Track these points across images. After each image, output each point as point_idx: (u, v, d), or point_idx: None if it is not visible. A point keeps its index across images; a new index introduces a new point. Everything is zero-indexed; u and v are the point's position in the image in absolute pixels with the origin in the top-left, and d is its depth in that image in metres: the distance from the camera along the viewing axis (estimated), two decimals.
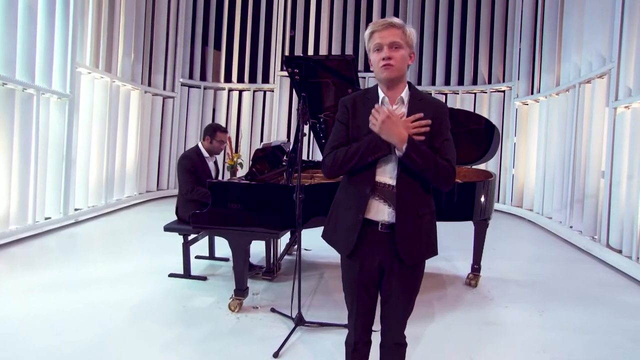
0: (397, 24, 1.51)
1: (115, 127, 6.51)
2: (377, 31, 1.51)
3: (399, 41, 1.50)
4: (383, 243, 1.55)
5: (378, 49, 1.52)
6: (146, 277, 3.57)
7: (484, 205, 3.38)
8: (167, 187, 8.13)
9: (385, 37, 1.49)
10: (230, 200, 2.75)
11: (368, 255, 1.57)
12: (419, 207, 1.55)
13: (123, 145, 6.80)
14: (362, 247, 1.57)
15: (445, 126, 1.56)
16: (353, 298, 1.64)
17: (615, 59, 4.50)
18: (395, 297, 1.61)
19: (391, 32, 1.50)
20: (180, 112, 8.30)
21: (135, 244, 4.68)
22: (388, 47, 1.49)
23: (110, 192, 6.45)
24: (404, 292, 1.60)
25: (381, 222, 1.54)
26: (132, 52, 6.86)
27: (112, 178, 6.52)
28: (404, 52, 1.51)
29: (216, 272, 3.78)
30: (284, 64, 2.99)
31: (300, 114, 2.50)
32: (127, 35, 6.70)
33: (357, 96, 1.63)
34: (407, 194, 1.52)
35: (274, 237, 2.88)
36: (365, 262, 1.58)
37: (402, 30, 1.51)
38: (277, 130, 8.58)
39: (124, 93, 6.75)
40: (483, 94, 7.87)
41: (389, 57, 1.49)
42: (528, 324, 2.92)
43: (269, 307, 2.97)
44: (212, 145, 3.68)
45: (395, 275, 1.58)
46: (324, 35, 8.42)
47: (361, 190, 1.55)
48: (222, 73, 8.67)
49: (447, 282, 3.69)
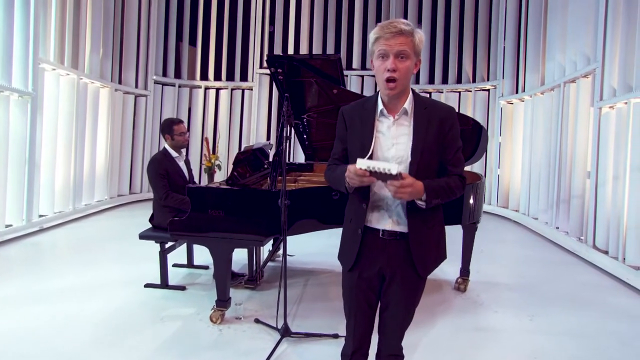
0: (407, 32, 1.43)
1: (83, 127, 6.33)
2: (383, 37, 1.44)
3: (407, 51, 1.44)
4: (384, 250, 1.56)
5: (383, 56, 1.46)
6: (120, 288, 3.47)
7: (473, 208, 3.43)
8: (140, 191, 7.97)
9: (392, 47, 1.43)
10: (211, 206, 2.70)
11: (368, 262, 1.58)
12: (428, 219, 1.57)
13: (92, 147, 6.62)
14: (363, 255, 1.59)
15: (456, 133, 1.56)
16: (352, 305, 1.64)
17: (600, 59, 4.64)
18: (394, 307, 1.61)
19: (400, 41, 1.43)
20: (154, 111, 8.15)
21: (107, 253, 4.55)
22: (394, 56, 1.43)
23: (78, 197, 6.28)
24: (404, 301, 1.60)
25: (382, 229, 1.55)
26: (101, 47, 6.70)
27: (81, 182, 6.35)
28: (411, 62, 1.46)
29: (195, 281, 3.71)
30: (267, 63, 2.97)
31: (285, 115, 2.47)
32: (95, 29, 6.53)
33: (356, 107, 1.63)
34: (418, 210, 1.53)
35: (258, 244, 2.85)
36: (366, 269, 1.59)
37: (412, 38, 1.44)
38: (256, 131, 8.52)
39: (92, 91, 6.57)
40: (467, 92, 8.00)
41: (394, 68, 1.44)
42: (519, 330, 2.96)
43: (253, 318, 2.93)
44: (175, 141, 3.63)
45: (396, 283, 1.58)
46: (305, 31, 8.40)
47: (358, 205, 1.59)
48: (198, 70, 8.56)
49: (435, 287, 3.72)
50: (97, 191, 6.84)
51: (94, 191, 6.76)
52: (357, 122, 1.57)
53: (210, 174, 6.78)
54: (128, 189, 7.75)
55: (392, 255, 1.55)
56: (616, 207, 4.30)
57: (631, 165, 4.08)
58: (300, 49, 8.39)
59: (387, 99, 1.53)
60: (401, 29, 1.43)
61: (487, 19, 7.85)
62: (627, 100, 4.16)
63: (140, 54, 7.78)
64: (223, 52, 8.52)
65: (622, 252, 4.13)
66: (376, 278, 1.60)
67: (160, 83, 8.23)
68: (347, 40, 8.35)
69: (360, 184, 1.45)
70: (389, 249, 1.56)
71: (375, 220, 1.57)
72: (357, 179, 1.41)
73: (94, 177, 6.74)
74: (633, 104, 4.08)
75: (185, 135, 3.67)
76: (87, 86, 6.42)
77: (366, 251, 1.58)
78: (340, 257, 1.70)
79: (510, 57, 7.27)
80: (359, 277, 1.60)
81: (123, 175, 7.62)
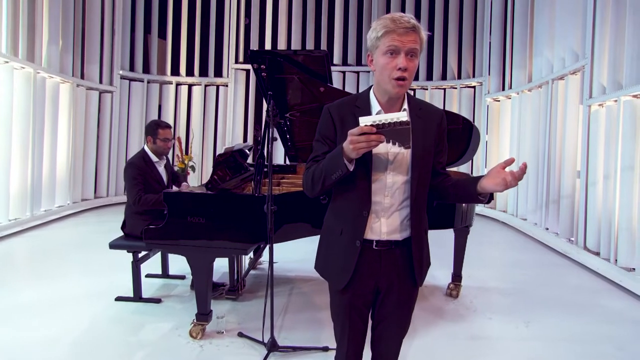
0: (418, 28, 1.39)
1: (41, 126, 6.11)
2: (396, 32, 1.38)
3: (417, 49, 1.40)
4: (379, 262, 1.52)
5: (393, 52, 1.39)
6: (87, 303, 3.35)
7: (465, 211, 3.46)
8: (106, 195, 7.77)
9: (405, 43, 1.38)
10: (190, 213, 2.63)
11: (363, 277, 1.54)
12: (424, 224, 1.58)
13: (52, 147, 6.41)
14: (358, 271, 1.53)
15: (446, 135, 1.56)
16: (344, 323, 1.60)
17: (589, 55, 4.77)
18: (390, 320, 1.59)
19: (412, 37, 1.38)
20: (121, 108, 7.96)
21: (71, 264, 4.39)
22: (405, 54, 1.38)
23: (37, 202, 6.06)
24: (400, 313, 1.58)
25: (376, 240, 1.51)
26: (60, 38, 6.48)
27: (39, 186, 6.13)
28: (418, 60, 1.44)
29: (171, 292, 3.62)
30: (250, 60, 2.91)
31: (270, 115, 2.43)
32: (53, 18, 6.31)
33: (345, 104, 1.54)
34: (416, 211, 1.52)
35: (242, 253, 2.79)
36: (360, 284, 1.54)
37: (420, 35, 1.41)
38: (232, 130, 8.42)
39: (51, 86, 6.36)
40: (453, 89, 8.11)
41: (405, 68, 1.39)
42: (515, 337, 3.00)
43: (236, 331, 2.87)
44: (157, 146, 3.51)
45: (394, 295, 1.56)
46: (283, 23, 8.35)
47: (357, 212, 1.49)
48: (169, 65, 8.42)
49: (427, 293, 3.74)
50: (59, 196, 6.63)
51: (55, 196, 6.54)
52: (350, 121, 1.47)
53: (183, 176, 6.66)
54: (93, 193, 7.55)
55: (389, 266, 1.52)
56: (607, 208, 4.42)
57: (622, 164, 4.20)
58: (278, 42, 8.34)
59: (387, 99, 1.48)
60: (414, 25, 1.39)
61: (473, 13, 7.98)
62: (617, 97, 4.28)
63: (105, 46, 7.58)
64: (195, 45, 8.39)
65: (614, 253, 4.25)
66: (371, 293, 1.56)
67: (127, 78, 8.04)
68: (327, 34, 8.35)
69: (368, 148, 1.30)
70: (384, 261, 1.52)
71: (372, 231, 1.50)
72: (364, 140, 1.28)
73: (55, 181, 6.52)
74: (623, 101, 4.20)
75: (168, 142, 3.53)
76: (45, 81, 6.21)
77: (362, 267, 1.52)
78: (325, 273, 1.61)
79: (496, 52, 7.40)
80: (354, 295, 1.55)
81: (87, 178, 7.40)
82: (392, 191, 1.49)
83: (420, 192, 1.52)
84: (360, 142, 1.29)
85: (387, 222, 1.50)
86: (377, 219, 1.50)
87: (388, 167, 1.48)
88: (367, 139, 1.28)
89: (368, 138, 1.28)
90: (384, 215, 1.49)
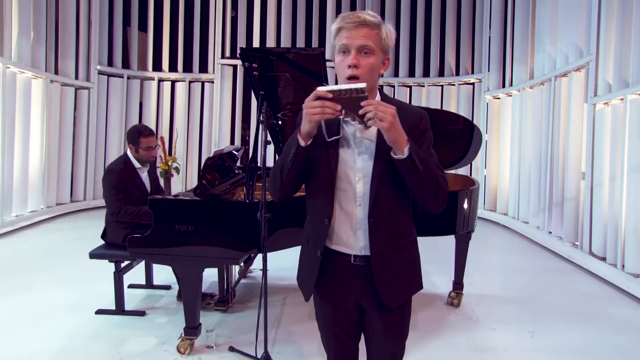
0: (371, 23, 1.37)
1: (12, 124, 6.03)
2: (345, 29, 1.37)
3: (370, 45, 1.36)
4: (356, 279, 1.48)
5: (344, 50, 1.38)
6: (65, 316, 3.31)
7: (467, 216, 3.48)
8: (83, 199, 7.68)
9: (354, 39, 1.36)
10: (178, 221, 2.61)
11: (340, 293, 1.52)
12: (399, 238, 1.48)
13: (24, 148, 6.32)
14: (331, 284, 1.52)
15: (428, 140, 1.48)
16: (330, 342, 1.60)
17: (594, 51, 4.83)
18: (380, 343, 1.56)
19: (362, 32, 1.36)
20: (99, 106, 7.88)
21: (47, 274, 4.33)
22: (356, 51, 1.36)
23: (7, 207, 5.98)
24: (390, 337, 1.55)
25: (353, 254, 1.47)
26: (32, 30, 6.39)
27: (10, 189, 6.05)
28: (376, 59, 1.38)
29: (157, 304, 3.59)
30: (240, 58, 2.90)
31: (263, 117, 2.42)
32: (23, 9, 6.22)
33: None
34: (384, 224, 1.44)
35: (233, 262, 2.78)
36: (340, 301, 1.53)
37: (378, 31, 1.38)
38: (218, 129, 8.38)
39: (22, 82, 6.28)
40: (451, 86, 8.17)
41: (356, 64, 1.36)
42: (520, 348, 3.03)
43: (227, 346, 2.86)
44: (140, 155, 3.45)
45: (376, 318, 1.53)
46: (272, 15, 8.33)
47: (319, 219, 1.48)
48: (150, 59, 8.36)
49: (427, 302, 3.76)
50: (31, 200, 6.54)
51: (27, 200, 6.45)
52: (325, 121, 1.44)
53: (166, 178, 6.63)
54: (69, 197, 7.47)
55: (366, 285, 1.47)
56: (613, 211, 4.48)
57: (629, 165, 4.26)
58: (267, 36, 8.33)
59: None
60: (365, 19, 1.36)
61: (471, 6, 8.04)
62: (624, 96, 4.34)
63: (81, 39, 7.49)
64: (179, 38, 8.33)
65: (620, 258, 4.31)
66: (353, 310, 1.54)
67: (105, 74, 7.97)
68: (319, 26, 8.35)
69: (322, 115, 1.27)
70: (361, 277, 1.48)
71: (343, 243, 1.48)
72: (319, 106, 1.26)
73: (27, 184, 6.43)
74: (630, 100, 4.26)
75: (152, 150, 3.48)
76: (15, 76, 6.12)
77: (334, 278, 1.50)
78: (299, 282, 1.64)
79: (496, 48, 7.47)
80: (334, 309, 1.54)
81: (63, 180, 7.32)
82: (365, 199, 1.44)
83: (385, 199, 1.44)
84: (314, 108, 1.27)
85: (365, 235, 1.45)
86: (352, 232, 1.46)
87: (356, 174, 1.44)
88: (322, 104, 1.26)
89: (323, 104, 1.26)
90: (360, 228, 1.45)
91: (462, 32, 8.08)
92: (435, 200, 1.43)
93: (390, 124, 1.27)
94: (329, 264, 1.50)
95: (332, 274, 1.51)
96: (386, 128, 1.28)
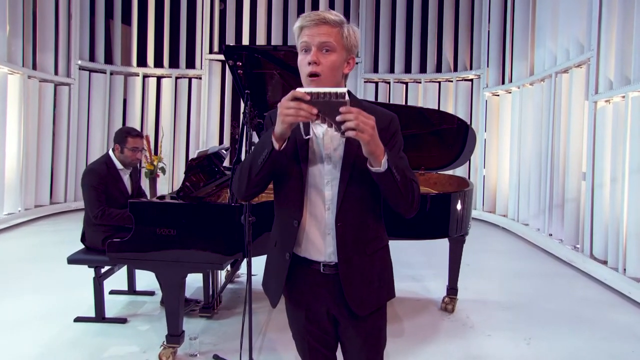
0: (331, 21, 1.40)
1: None
2: (306, 27, 1.41)
3: (331, 43, 1.39)
4: (327, 287, 1.51)
5: (305, 49, 1.42)
6: (42, 324, 3.31)
7: (461, 219, 3.51)
8: (64, 200, 7.67)
9: (314, 36, 1.39)
10: (159, 224, 2.62)
11: (312, 302, 1.55)
12: (368, 243, 1.51)
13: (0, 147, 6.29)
14: (302, 292, 1.55)
15: (399, 143, 1.49)
16: (306, 353, 1.63)
17: (595, 47, 4.88)
18: (356, 354, 1.59)
19: (323, 30, 1.39)
20: (80, 103, 7.87)
21: (24, 279, 4.33)
22: (317, 48, 1.39)
23: None
24: (366, 347, 1.57)
25: (323, 262, 1.49)
26: (7, 23, 6.35)
27: None
28: (338, 57, 1.41)
29: (138, 311, 3.61)
30: (224, 56, 2.92)
31: (247, 117, 2.44)
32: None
33: None
34: (352, 228, 1.47)
35: (217, 268, 2.80)
36: (311, 310, 1.56)
37: (339, 29, 1.41)
38: (207, 127, 8.39)
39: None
40: (448, 82, 8.21)
41: (316, 61, 1.39)
42: (515, 356, 3.06)
43: (212, 354, 2.88)
44: (124, 155, 3.46)
45: (349, 327, 1.55)
46: (262, 8, 8.35)
47: (288, 222, 1.50)
48: (134, 54, 8.36)
49: (419, 308, 3.79)
50: (8, 202, 6.51)
51: (3, 202, 6.43)
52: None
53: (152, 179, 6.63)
54: (49, 199, 7.44)
55: (337, 293, 1.50)
56: (615, 213, 4.53)
57: (630, 166, 4.30)
58: (257, 29, 8.34)
59: None
60: (325, 17, 1.40)
61: (470, 0, 8.08)
62: (625, 93, 4.39)
63: (60, 32, 7.47)
64: (165, 32, 8.33)
65: (622, 262, 4.35)
66: (327, 320, 1.57)
67: (86, 69, 7.96)
68: None
69: (296, 118, 1.26)
70: (330, 286, 1.50)
71: (313, 249, 1.49)
72: (294, 107, 1.24)
73: (3, 185, 6.41)
74: (631, 98, 4.31)
75: (137, 152, 3.50)
76: None
77: (305, 287, 1.53)
78: (264, 288, 1.64)
79: (495, 43, 7.51)
80: (307, 318, 1.56)
81: (42, 181, 7.30)
82: (333, 203, 1.46)
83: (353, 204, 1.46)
84: (289, 109, 1.25)
85: (334, 241, 1.47)
86: (322, 237, 1.49)
87: (324, 177, 1.46)
88: (298, 105, 1.25)
89: (298, 105, 1.25)
90: (330, 233, 1.48)
91: (460, 27, 8.12)
92: (410, 206, 1.45)
93: (370, 136, 1.27)
94: (299, 270, 1.52)
95: (302, 281, 1.53)
96: (366, 141, 1.27)
